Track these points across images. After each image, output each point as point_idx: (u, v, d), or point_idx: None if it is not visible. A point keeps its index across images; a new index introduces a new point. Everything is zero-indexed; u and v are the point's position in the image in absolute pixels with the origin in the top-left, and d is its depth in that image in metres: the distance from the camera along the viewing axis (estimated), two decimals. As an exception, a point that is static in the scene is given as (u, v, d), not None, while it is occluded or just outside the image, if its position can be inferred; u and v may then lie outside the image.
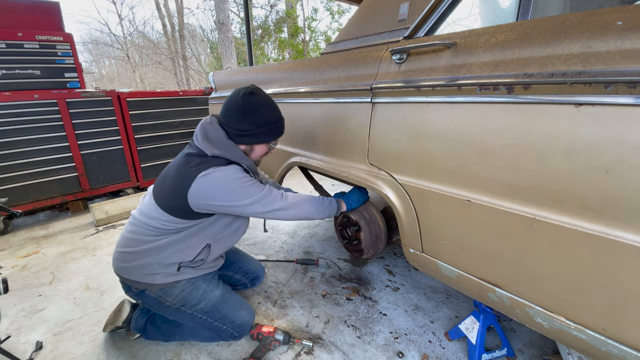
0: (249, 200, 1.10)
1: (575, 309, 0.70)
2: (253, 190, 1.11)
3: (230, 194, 1.08)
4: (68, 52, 2.70)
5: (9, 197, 2.44)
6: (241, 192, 1.09)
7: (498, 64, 0.75)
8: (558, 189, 0.68)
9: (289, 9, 9.50)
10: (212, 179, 1.06)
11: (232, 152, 1.14)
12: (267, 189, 1.14)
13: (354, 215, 1.39)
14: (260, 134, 1.14)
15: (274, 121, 1.16)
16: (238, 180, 1.09)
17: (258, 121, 1.13)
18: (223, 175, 1.07)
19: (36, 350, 1.29)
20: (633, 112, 0.56)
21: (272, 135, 1.18)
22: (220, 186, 1.06)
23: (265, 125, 1.14)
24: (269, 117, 1.15)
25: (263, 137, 1.16)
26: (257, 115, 1.12)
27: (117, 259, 1.20)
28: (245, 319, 1.27)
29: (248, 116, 1.12)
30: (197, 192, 1.06)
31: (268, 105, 1.15)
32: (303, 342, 1.26)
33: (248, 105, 1.11)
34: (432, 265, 1.03)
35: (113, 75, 16.82)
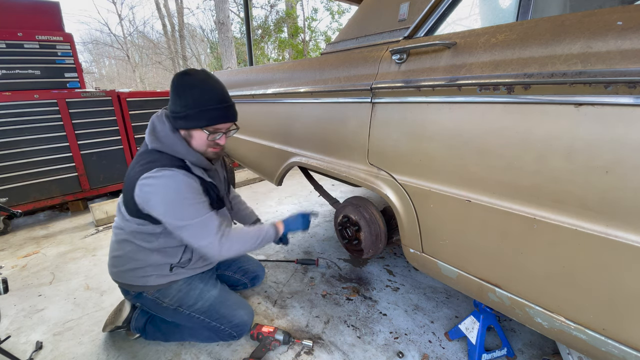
0: (180, 223, 1.01)
1: (575, 309, 0.70)
2: (190, 212, 1.01)
3: (166, 206, 1.00)
4: (68, 52, 2.70)
5: (9, 197, 2.44)
6: (177, 209, 1.01)
7: (498, 64, 0.75)
8: (558, 189, 0.68)
9: (289, 9, 9.50)
10: (153, 183, 0.99)
11: (175, 145, 1.06)
12: (206, 217, 1.04)
13: (354, 215, 1.39)
14: (188, 117, 1.04)
15: (205, 103, 1.03)
16: (179, 193, 1.00)
17: (186, 102, 1.03)
18: (165, 183, 1.00)
19: (36, 350, 1.29)
20: (633, 112, 0.56)
21: (203, 119, 1.05)
22: (159, 193, 1.00)
23: (195, 108, 1.03)
24: (199, 99, 1.03)
25: (193, 121, 1.05)
26: (186, 95, 1.03)
27: (110, 264, 1.21)
28: (243, 319, 1.26)
29: (179, 97, 1.04)
30: (139, 195, 1.01)
31: (200, 87, 1.03)
32: (303, 342, 1.26)
33: (180, 85, 1.03)
34: (432, 265, 1.03)
35: (113, 75, 16.82)
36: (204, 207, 1.06)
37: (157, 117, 1.10)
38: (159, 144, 1.06)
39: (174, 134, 1.07)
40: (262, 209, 2.86)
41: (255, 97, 1.74)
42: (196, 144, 1.10)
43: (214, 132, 1.09)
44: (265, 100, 1.68)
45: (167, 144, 1.06)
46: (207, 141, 1.10)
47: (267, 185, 3.58)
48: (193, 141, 1.10)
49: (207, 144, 1.11)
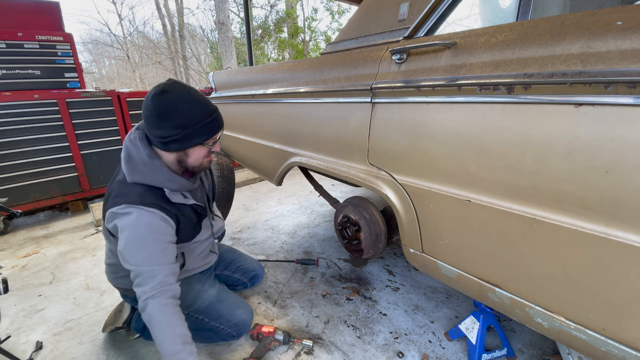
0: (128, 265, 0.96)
1: (575, 309, 0.70)
2: (141, 258, 0.95)
3: (124, 244, 0.96)
4: (68, 52, 2.70)
5: (9, 197, 2.44)
6: (131, 252, 0.96)
7: (498, 64, 0.75)
8: (558, 189, 0.68)
9: (289, 9, 9.50)
10: (122, 224, 0.96)
11: (155, 174, 0.99)
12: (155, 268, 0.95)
13: (354, 215, 1.39)
14: (186, 137, 0.97)
15: (199, 119, 0.97)
16: (139, 239, 0.95)
17: (179, 123, 0.95)
18: (132, 225, 0.95)
19: (36, 350, 1.29)
20: (633, 112, 0.56)
21: (203, 134, 0.99)
22: (122, 232, 0.96)
23: (190, 126, 0.96)
24: (192, 116, 0.96)
25: (192, 140, 0.98)
26: (175, 116, 0.94)
27: (106, 272, 1.22)
28: (242, 318, 1.26)
29: (166, 120, 0.94)
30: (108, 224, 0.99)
31: (187, 102, 0.96)
32: (303, 341, 1.26)
33: (162, 107, 0.94)
34: (432, 265, 1.03)
35: (113, 75, 16.83)
36: (161, 256, 0.98)
37: (130, 142, 1.01)
38: (139, 175, 0.99)
39: (152, 161, 0.99)
40: (262, 209, 2.86)
41: (255, 97, 1.74)
42: (193, 160, 1.05)
43: (212, 144, 1.05)
44: (265, 100, 1.68)
45: (146, 173, 0.99)
46: (205, 153, 1.06)
47: (267, 185, 3.58)
48: (190, 159, 1.04)
49: (205, 156, 1.07)
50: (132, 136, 1.02)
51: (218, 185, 1.96)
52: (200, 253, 1.27)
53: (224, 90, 2.13)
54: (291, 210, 2.77)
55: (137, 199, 0.97)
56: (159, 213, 0.98)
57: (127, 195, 0.97)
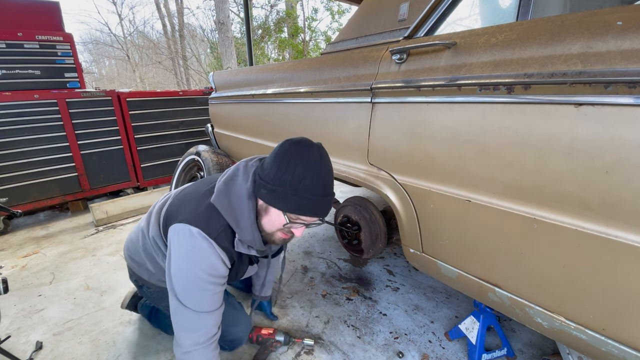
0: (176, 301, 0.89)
1: (575, 309, 0.70)
2: (194, 299, 0.89)
3: (176, 274, 0.89)
4: (68, 52, 2.70)
5: (9, 197, 2.44)
6: (184, 287, 0.89)
7: (498, 64, 0.75)
8: (558, 189, 0.68)
9: (289, 9, 9.50)
10: (180, 242, 0.89)
11: (241, 214, 0.89)
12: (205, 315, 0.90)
13: (354, 215, 1.39)
14: (276, 192, 0.84)
15: (305, 189, 0.82)
16: (197, 275, 0.88)
17: (283, 175, 0.83)
18: (190, 255, 0.88)
19: (36, 350, 1.29)
20: (633, 112, 0.56)
21: (295, 205, 0.84)
22: (178, 259, 0.89)
23: (288, 186, 0.82)
24: (300, 181, 0.82)
25: (278, 200, 0.84)
26: (287, 168, 0.83)
27: (127, 246, 1.19)
28: (237, 336, 1.19)
29: (278, 165, 0.84)
30: (169, 235, 0.93)
31: (310, 167, 0.83)
32: (304, 341, 1.26)
33: (286, 154, 0.84)
34: (432, 265, 1.03)
35: (113, 75, 16.83)
36: (213, 301, 0.92)
37: (244, 168, 0.93)
38: (225, 204, 0.89)
39: (249, 201, 0.89)
40: (262, 209, 2.85)
41: (255, 97, 1.74)
42: (267, 223, 0.91)
43: (295, 221, 0.89)
44: (265, 100, 1.68)
45: (234, 209, 0.89)
46: (282, 227, 0.90)
47: (267, 185, 3.57)
48: (266, 218, 0.90)
49: (278, 229, 0.91)
50: (251, 163, 0.94)
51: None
52: None
53: (224, 90, 2.13)
54: (291, 210, 2.77)
55: (214, 233, 0.89)
56: (224, 257, 0.92)
57: (204, 220, 0.89)
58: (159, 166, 3.25)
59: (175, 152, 3.30)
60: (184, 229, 0.89)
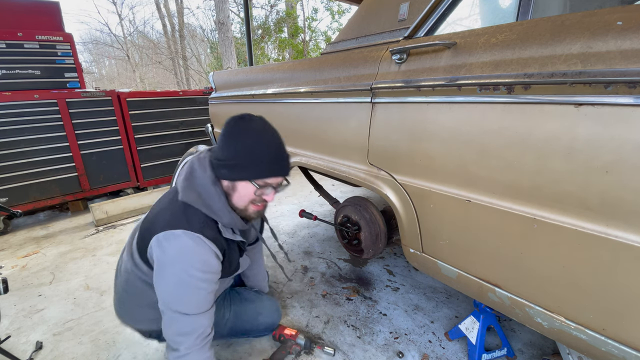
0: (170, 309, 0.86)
1: (575, 309, 0.70)
2: (189, 303, 0.87)
3: (168, 284, 0.86)
4: (68, 52, 2.70)
5: (9, 197, 2.44)
6: (178, 294, 0.86)
7: (498, 64, 0.75)
8: (558, 189, 0.68)
9: (289, 9, 9.50)
10: (165, 249, 0.85)
11: (212, 200, 0.90)
12: (199, 316, 0.88)
13: (354, 215, 1.39)
14: (237, 166, 0.88)
15: (258, 152, 0.87)
16: (191, 277, 0.85)
17: (237, 149, 0.87)
18: (182, 257, 0.85)
19: (36, 350, 1.29)
20: (633, 112, 0.56)
21: (254, 170, 0.88)
22: (168, 266, 0.86)
23: (244, 156, 0.87)
24: (255, 148, 0.87)
25: (241, 171, 0.88)
26: (238, 141, 0.87)
27: (120, 308, 1.09)
28: (267, 323, 1.26)
29: (229, 142, 0.88)
30: (153, 251, 0.88)
31: (257, 133, 0.89)
32: (325, 349, 1.24)
33: (235, 129, 0.89)
34: (432, 265, 1.03)
35: (113, 75, 16.83)
36: (207, 300, 0.91)
37: (198, 161, 0.93)
38: (194, 196, 0.89)
39: (215, 187, 0.90)
40: (262, 209, 2.86)
41: (255, 97, 1.74)
42: (238, 199, 0.93)
43: (264, 186, 0.91)
44: (265, 100, 1.68)
45: (203, 198, 0.90)
46: (253, 196, 0.92)
47: (267, 185, 3.57)
48: (235, 195, 0.93)
49: (251, 200, 0.93)
50: (203, 155, 0.95)
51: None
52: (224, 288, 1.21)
53: (224, 90, 2.13)
54: (291, 210, 2.77)
55: (198, 227, 0.87)
56: (215, 250, 0.90)
57: (183, 219, 0.87)
58: (159, 166, 3.25)
59: (175, 152, 3.30)
60: (166, 236, 0.86)
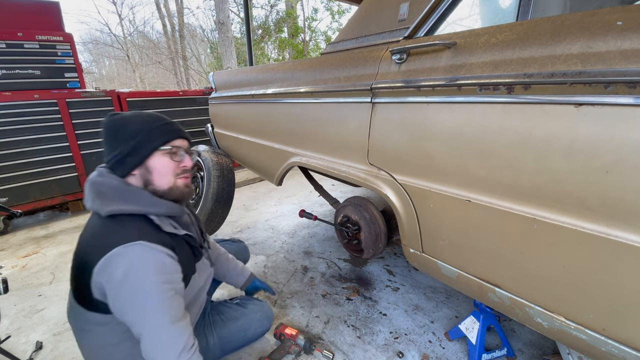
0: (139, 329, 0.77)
1: (575, 309, 0.70)
2: (157, 316, 0.77)
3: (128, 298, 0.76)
4: (68, 52, 2.70)
5: (9, 197, 2.44)
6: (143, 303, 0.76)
7: (498, 64, 0.75)
8: (558, 189, 0.68)
9: (289, 9, 9.50)
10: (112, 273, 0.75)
11: (135, 198, 0.84)
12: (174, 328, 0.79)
13: (354, 215, 1.39)
14: (140, 143, 0.86)
15: (150, 124, 0.88)
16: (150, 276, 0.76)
17: (129, 132, 0.86)
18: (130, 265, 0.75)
19: (36, 350, 1.29)
20: (633, 112, 0.56)
21: (158, 136, 0.88)
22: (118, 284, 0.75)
23: (140, 132, 0.86)
24: (142, 123, 0.88)
25: (146, 145, 0.86)
26: (126, 127, 0.87)
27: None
28: (258, 333, 1.22)
29: (117, 134, 0.87)
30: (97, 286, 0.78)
31: (138, 115, 0.91)
32: (324, 352, 1.23)
33: (113, 125, 0.88)
34: (432, 265, 1.03)
35: (113, 75, 16.83)
36: (178, 304, 0.82)
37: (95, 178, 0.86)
38: (113, 205, 0.81)
39: (127, 186, 0.85)
40: (262, 208, 2.86)
41: (255, 97, 1.74)
42: (160, 177, 0.88)
43: (175, 152, 0.90)
44: (265, 100, 1.68)
45: (124, 199, 0.83)
46: (173, 164, 0.90)
47: (267, 185, 3.58)
48: (155, 175, 0.88)
49: (173, 171, 0.90)
50: (97, 172, 0.88)
51: (218, 185, 1.96)
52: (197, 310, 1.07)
53: (224, 90, 2.13)
54: (291, 210, 2.77)
55: (135, 234, 0.78)
56: (164, 250, 0.82)
57: (113, 235, 0.78)
58: (159, 166, 3.25)
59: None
60: (107, 260, 0.75)
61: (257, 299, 1.29)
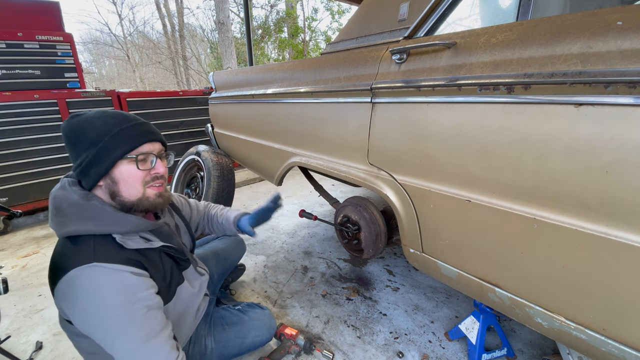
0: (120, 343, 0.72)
1: (575, 309, 0.70)
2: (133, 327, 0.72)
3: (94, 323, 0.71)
4: (68, 52, 2.70)
5: (9, 197, 2.44)
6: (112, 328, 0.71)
7: (498, 64, 0.75)
8: (558, 189, 0.68)
9: (289, 9, 9.50)
10: (71, 296, 0.71)
11: (95, 217, 0.76)
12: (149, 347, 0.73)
13: (354, 215, 1.39)
14: (100, 152, 0.77)
15: (113, 126, 0.79)
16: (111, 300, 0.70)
17: (90, 138, 0.77)
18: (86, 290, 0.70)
19: (36, 350, 1.29)
20: (633, 112, 0.56)
21: (122, 142, 0.79)
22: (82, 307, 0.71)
23: (102, 137, 0.77)
24: (104, 127, 0.78)
25: (107, 154, 0.77)
26: (85, 132, 0.78)
27: None
28: (257, 342, 1.17)
29: (76, 140, 0.79)
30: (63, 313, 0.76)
31: (100, 116, 0.80)
32: (324, 352, 1.23)
33: (72, 128, 0.79)
34: (432, 265, 1.03)
35: (113, 75, 16.83)
36: (149, 323, 0.75)
37: (57, 192, 0.80)
38: (73, 224, 0.75)
39: (88, 202, 0.78)
40: (262, 209, 2.85)
41: (255, 97, 1.74)
42: (127, 188, 0.81)
43: (143, 159, 0.82)
44: (265, 100, 1.68)
45: (81, 219, 0.75)
46: (140, 173, 0.81)
47: (267, 185, 3.58)
48: (122, 186, 0.80)
49: (142, 181, 0.82)
50: (60, 184, 0.82)
51: (218, 185, 1.96)
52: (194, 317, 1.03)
53: (224, 90, 2.13)
54: (291, 210, 2.77)
55: (89, 255, 0.72)
56: (124, 268, 0.74)
57: (69, 256, 0.73)
58: (159, 166, 3.25)
59: (176, 152, 3.30)
60: (63, 284, 0.72)
61: (260, 307, 1.27)
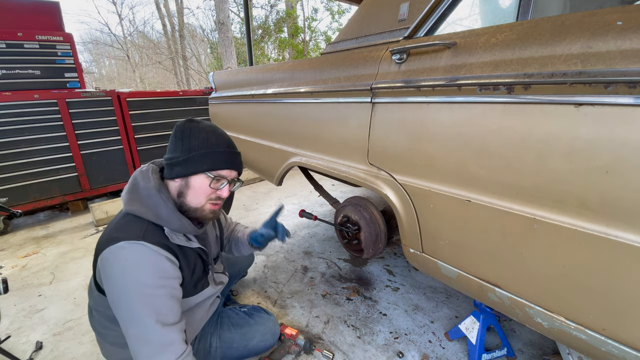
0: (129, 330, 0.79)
1: (575, 309, 0.70)
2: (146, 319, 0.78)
3: (121, 294, 0.79)
4: (68, 52, 2.70)
5: (9, 197, 2.44)
6: (130, 305, 0.78)
7: (498, 64, 0.75)
8: (558, 189, 0.68)
9: (289, 9, 9.50)
10: (110, 265, 0.80)
11: (157, 208, 0.87)
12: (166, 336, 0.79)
13: (354, 215, 1.39)
14: (190, 160, 0.89)
15: (210, 145, 0.90)
16: (146, 276, 0.79)
17: (189, 145, 0.89)
18: (128, 261, 0.79)
19: (36, 350, 1.29)
20: (633, 112, 0.56)
21: (207, 161, 0.90)
22: (115, 277, 0.80)
23: (198, 149, 0.89)
24: (204, 142, 0.90)
25: (195, 164, 0.89)
26: (191, 138, 0.90)
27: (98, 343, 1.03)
28: (260, 347, 1.18)
29: (181, 140, 0.91)
30: (100, 271, 0.83)
31: (208, 131, 0.92)
32: (324, 352, 1.23)
33: (183, 130, 0.91)
34: (432, 265, 1.03)
35: (113, 75, 16.83)
36: (170, 309, 0.82)
37: (140, 174, 0.92)
38: (137, 206, 0.87)
39: (160, 194, 0.88)
40: (262, 209, 2.86)
41: (255, 97, 1.74)
42: (194, 197, 0.92)
43: (218, 179, 0.92)
44: (265, 100, 1.68)
45: (148, 205, 0.87)
46: (209, 190, 0.92)
47: (267, 185, 3.58)
48: (190, 193, 0.92)
49: (207, 196, 0.93)
50: (145, 168, 0.94)
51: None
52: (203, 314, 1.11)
53: (224, 90, 2.13)
54: (291, 210, 2.77)
55: (139, 234, 0.83)
56: (164, 253, 0.84)
57: (123, 230, 0.83)
58: (159, 166, 3.25)
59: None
60: (109, 252, 0.81)
61: (266, 312, 1.27)
